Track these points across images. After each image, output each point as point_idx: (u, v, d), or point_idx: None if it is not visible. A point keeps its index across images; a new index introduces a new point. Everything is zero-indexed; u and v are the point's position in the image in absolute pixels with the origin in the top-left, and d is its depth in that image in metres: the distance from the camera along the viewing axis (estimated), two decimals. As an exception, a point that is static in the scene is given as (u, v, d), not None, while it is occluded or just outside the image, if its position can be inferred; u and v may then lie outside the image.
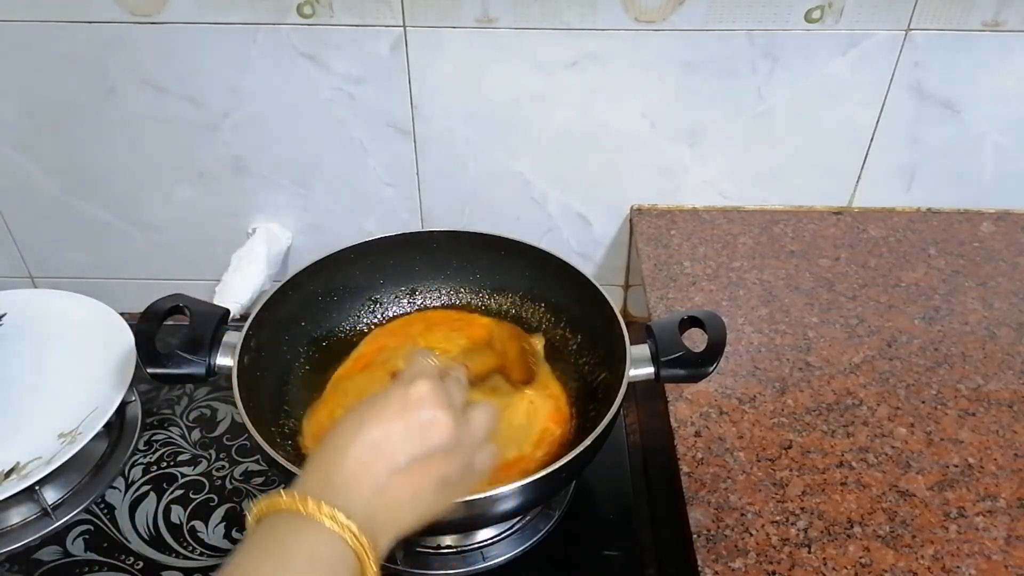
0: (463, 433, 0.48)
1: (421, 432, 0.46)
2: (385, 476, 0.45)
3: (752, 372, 0.72)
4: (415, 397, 0.47)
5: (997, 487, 0.62)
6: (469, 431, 0.49)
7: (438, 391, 0.48)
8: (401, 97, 0.85)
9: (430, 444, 0.46)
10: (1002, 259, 0.85)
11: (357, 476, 0.45)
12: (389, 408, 0.47)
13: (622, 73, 0.82)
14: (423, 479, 0.46)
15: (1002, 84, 0.82)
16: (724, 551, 0.58)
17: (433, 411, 0.47)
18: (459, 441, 0.48)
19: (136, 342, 0.64)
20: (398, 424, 0.46)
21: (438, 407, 0.47)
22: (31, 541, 0.73)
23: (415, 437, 0.46)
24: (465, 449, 0.49)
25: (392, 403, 0.47)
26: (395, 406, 0.47)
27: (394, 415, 0.47)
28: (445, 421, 0.47)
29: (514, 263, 0.80)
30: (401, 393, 0.48)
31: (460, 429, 0.48)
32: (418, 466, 0.46)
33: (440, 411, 0.47)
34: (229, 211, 0.95)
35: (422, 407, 0.47)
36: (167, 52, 0.83)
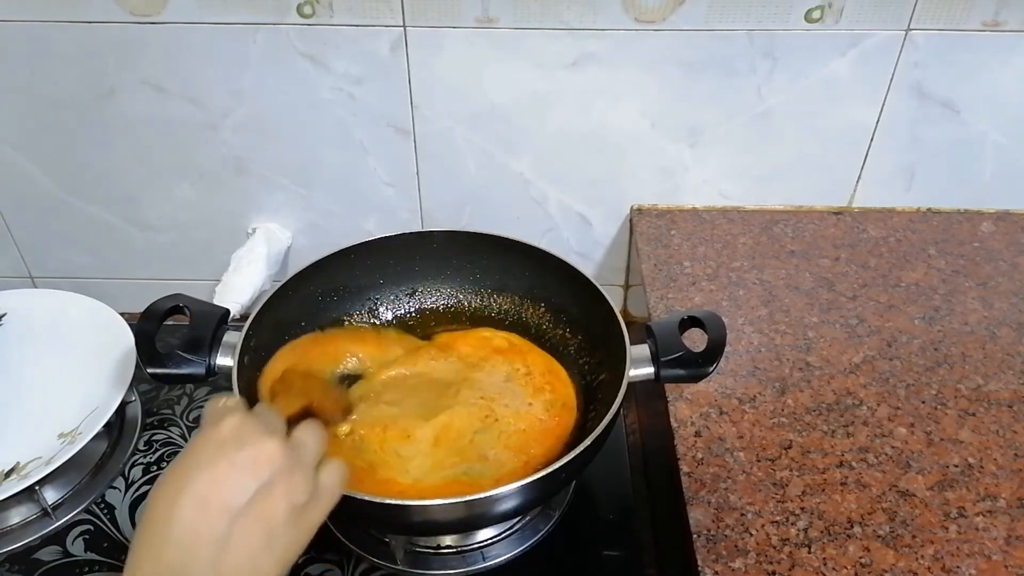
0: (294, 453, 0.45)
1: (249, 467, 0.42)
2: (225, 527, 0.40)
3: (752, 372, 0.72)
4: (228, 433, 0.43)
5: (997, 487, 0.62)
6: (300, 450, 0.46)
7: (250, 419, 0.45)
8: (401, 97, 0.85)
9: (263, 474, 0.42)
10: (1002, 259, 0.85)
11: (193, 537, 0.40)
12: (203, 456, 0.43)
13: (622, 73, 0.82)
14: (270, 515, 0.42)
15: (1002, 84, 0.82)
16: (724, 551, 0.58)
17: (253, 440, 0.43)
18: (293, 461, 0.44)
19: (136, 342, 0.64)
20: (220, 468, 0.42)
21: (257, 434, 0.44)
22: (31, 541, 0.73)
23: (244, 473, 0.42)
24: (304, 468, 0.45)
25: (205, 449, 0.43)
26: (208, 451, 0.43)
27: (211, 461, 0.42)
28: (270, 445, 0.43)
29: (514, 263, 0.80)
30: (210, 434, 0.43)
31: (288, 449, 0.44)
32: (260, 502, 0.42)
33: (261, 437, 0.43)
34: (229, 211, 0.95)
35: (240, 440, 0.43)
36: (167, 52, 0.83)
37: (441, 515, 0.59)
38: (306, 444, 0.47)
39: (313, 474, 0.46)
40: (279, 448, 0.44)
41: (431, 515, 0.59)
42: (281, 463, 0.43)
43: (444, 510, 0.58)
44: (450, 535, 0.71)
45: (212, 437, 0.44)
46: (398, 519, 0.60)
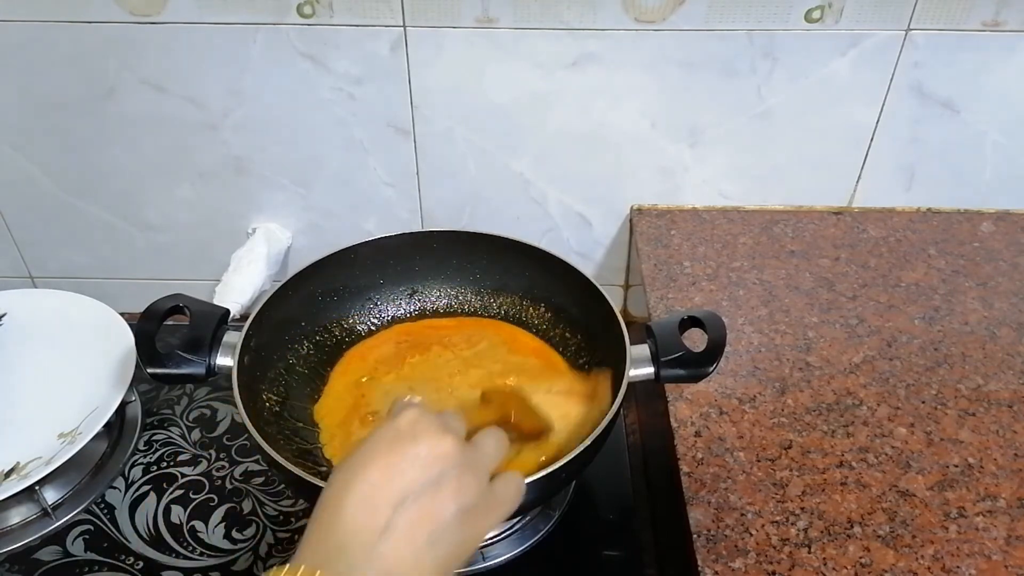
0: (470, 454, 0.44)
1: (421, 461, 0.42)
2: (390, 518, 0.40)
3: (752, 372, 0.72)
4: (406, 426, 0.43)
5: (997, 487, 0.62)
6: (477, 452, 0.45)
7: (429, 417, 0.44)
8: (401, 97, 0.85)
9: (434, 471, 0.42)
10: (1002, 259, 0.85)
11: (359, 526, 0.40)
12: (379, 446, 0.43)
13: (622, 73, 0.82)
14: (437, 512, 0.41)
15: (1002, 84, 0.82)
16: (724, 551, 0.58)
17: (429, 436, 0.43)
18: (468, 462, 0.44)
19: (136, 342, 0.64)
20: (394, 459, 0.42)
21: (434, 431, 0.43)
22: (31, 541, 0.73)
23: (415, 468, 0.42)
24: (477, 471, 0.44)
25: (382, 440, 0.43)
26: (385, 442, 0.43)
27: (386, 451, 0.42)
28: (447, 443, 0.43)
29: (514, 263, 0.80)
30: (389, 426, 0.44)
31: (465, 450, 0.44)
32: (427, 500, 0.41)
33: (437, 434, 0.43)
34: (229, 211, 0.95)
35: (416, 434, 0.43)
36: (167, 52, 0.83)
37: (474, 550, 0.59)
38: (485, 449, 0.46)
39: (487, 479, 0.45)
40: (454, 446, 0.43)
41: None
42: (455, 462, 0.43)
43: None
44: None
45: (390, 429, 0.44)
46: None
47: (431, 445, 0.43)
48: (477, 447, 0.46)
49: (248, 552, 0.72)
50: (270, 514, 0.75)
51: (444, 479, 0.42)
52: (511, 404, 0.67)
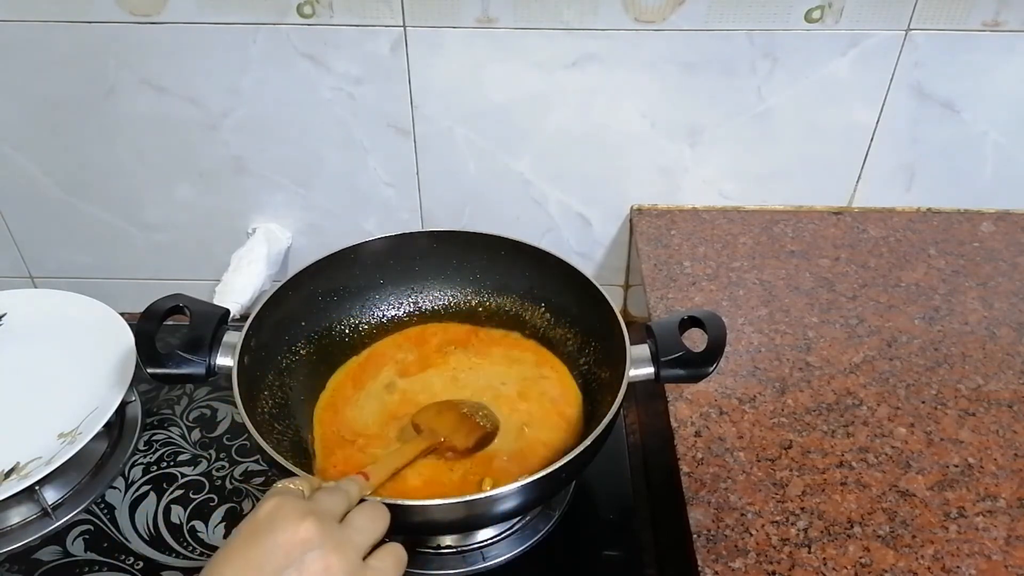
0: (337, 534, 0.44)
1: (281, 549, 0.42)
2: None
3: (752, 372, 0.72)
4: (263, 517, 0.43)
5: (997, 487, 0.62)
6: (346, 530, 0.45)
7: (287, 501, 0.44)
8: (401, 97, 0.85)
9: (293, 555, 0.42)
10: (1002, 259, 0.85)
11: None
12: (236, 541, 0.43)
13: (622, 73, 0.82)
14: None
15: (1002, 84, 0.82)
16: (724, 551, 0.58)
17: (288, 522, 0.43)
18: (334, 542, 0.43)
19: (136, 342, 0.64)
20: (251, 552, 0.42)
21: (293, 517, 0.43)
22: (31, 541, 0.73)
23: (275, 557, 0.42)
24: (345, 549, 0.44)
25: (239, 535, 0.43)
26: (242, 536, 0.43)
27: (243, 545, 0.42)
28: (305, 526, 0.43)
29: (514, 263, 0.80)
30: (249, 519, 0.44)
31: (331, 530, 0.44)
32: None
33: (296, 519, 0.43)
34: (229, 211, 0.95)
35: (274, 522, 0.43)
36: (167, 52, 0.83)
37: (441, 515, 0.59)
38: (355, 524, 0.46)
39: (357, 555, 0.45)
40: (316, 528, 0.43)
41: (431, 515, 0.59)
42: (318, 544, 0.43)
43: (444, 510, 0.58)
44: (450, 535, 0.71)
45: (249, 521, 0.44)
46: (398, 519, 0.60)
47: (291, 531, 0.42)
48: (347, 525, 0.46)
49: (248, 552, 0.72)
50: (270, 514, 0.75)
51: (307, 563, 0.42)
52: (440, 425, 0.67)
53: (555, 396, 0.74)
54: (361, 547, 0.45)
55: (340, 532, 0.45)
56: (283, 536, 0.42)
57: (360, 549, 0.45)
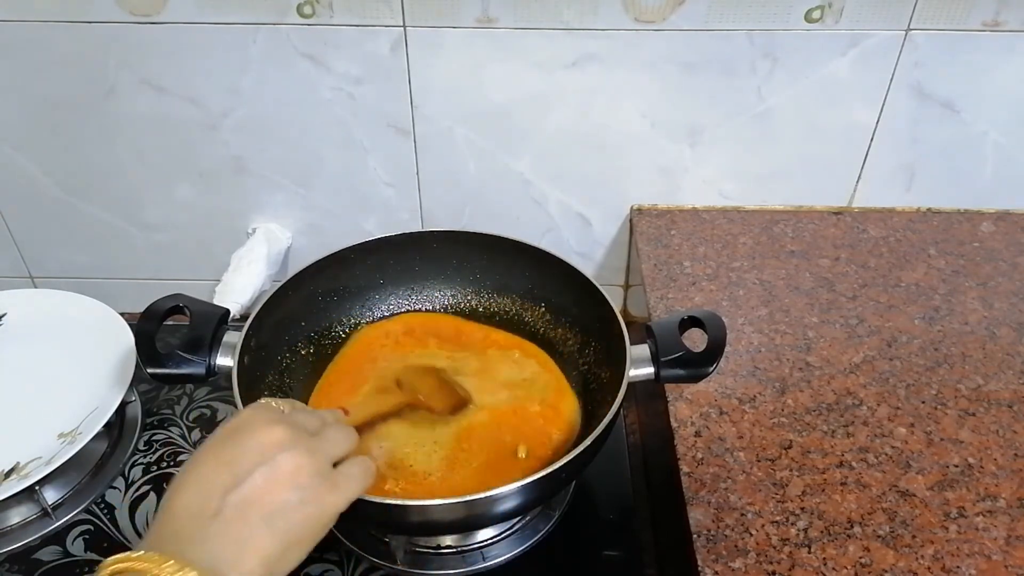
0: (307, 441, 0.46)
1: (253, 449, 0.44)
2: (220, 501, 0.42)
3: (752, 372, 0.72)
4: (237, 421, 0.46)
5: (997, 487, 0.62)
6: (316, 440, 0.47)
7: (263, 410, 0.47)
8: (401, 97, 0.85)
9: (268, 455, 0.44)
10: (1002, 259, 0.85)
11: (192, 512, 0.42)
12: (214, 441, 0.45)
13: (622, 73, 0.82)
14: (272, 493, 0.43)
15: (1002, 84, 0.82)
16: (724, 551, 0.58)
17: (262, 426, 0.45)
18: (304, 447, 0.45)
19: (136, 342, 0.64)
20: (225, 451, 0.44)
21: (266, 421, 0.46)
22: (31, 541, 0.73)
23: (247, 456, 0.44)
24: (314, 454, 0.46)
25: (217, 436, 0.46)
26: (219, 437, 0.45)
27: (219, 445, 0.45)
28: (277, 431, 0.45)
29: (514, 263, 0.80)
30: (227, 422, 0.47)
31: (300, 437, 0.46)
32: (260, 483, 0.43)
33: (269, 424, 0.45)
34: (229, 211, 0.95)
35: (250, 426, 0.45)
36: (167, 52, 0.83)
37: (441, 515, 0.59)
38: (327, 436, 0.49)
39: (326, 462, 0.47)
40: (287, 433, 0.45)
41: (431, 515, 0.59)
42: (289, 447, 0.45)
43: (444, 510, 0.58)
44: (450, 535, 0.71)
45: (227, 424, 0.46)
46: (398, 519, 0.60)
47: (263, 434, 0.45)
48: (319, 436, 0.48)
49: (248, 552, 0.71)
50: (270, 514, 0.75)
51: (278, 463, 0.44)
52: (422, 384, 0.70)
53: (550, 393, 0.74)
54: (330, 455, 0.48)
55: (311, 440, 0.47)
56: (257, 437, 0.45)
57: (329, 456, 0.47)
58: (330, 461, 0.47)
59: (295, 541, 0.44)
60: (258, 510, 0.43)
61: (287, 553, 0.44)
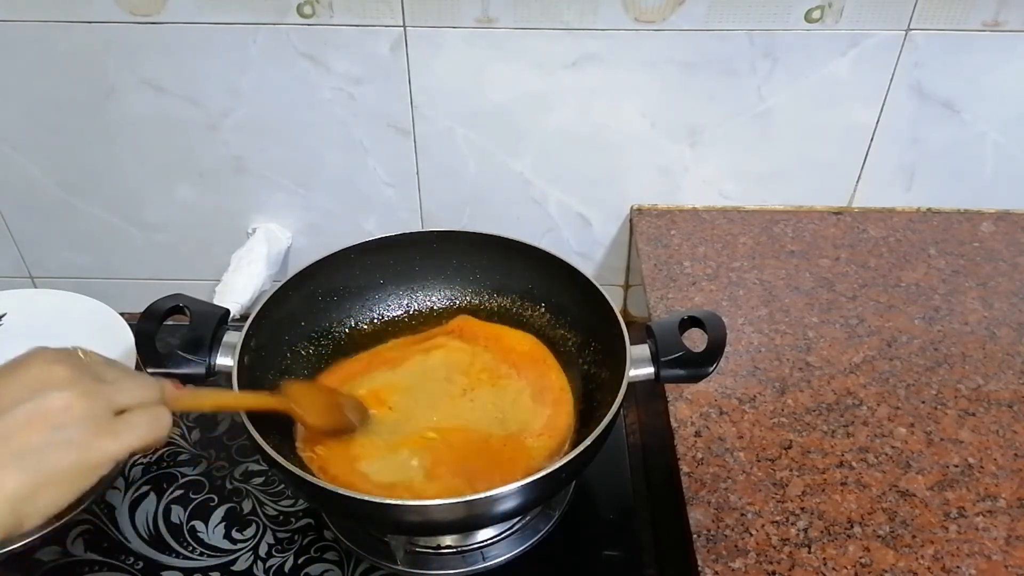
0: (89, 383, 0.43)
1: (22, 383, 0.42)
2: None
3: (752, 372, 0.72)
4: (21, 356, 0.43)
5: (997, 487, 0.62)
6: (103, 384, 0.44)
7: (54, 351, 0.44)
8: (401, 97, 0.85)
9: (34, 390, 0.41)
10: (1002, 259, 0.85)
11: None
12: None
13: (622, 73, 0.82)
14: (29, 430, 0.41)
15: (1002, 84, 0.82)
16: (724, 551, 0.58)
17: (40, 362, 0.43)
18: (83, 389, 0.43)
19: (136, 342, 0.64)
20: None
21: (48, 360, 0.43)
22: (31, 541, 0.73)
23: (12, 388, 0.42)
24: (94, 397, 0.43)
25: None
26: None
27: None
28: (57, 369, 0.42)
29: (514, 263, 0.80)
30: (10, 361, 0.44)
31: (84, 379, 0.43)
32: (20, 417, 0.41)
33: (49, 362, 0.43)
34: (229, 211, 0.95)
35: (25, 360, 0.43)
36: (167, 52, 0.83)
37: (441, 515, 0.59)
38: (119, 384, 0.45)
39: (105, 407, 0.44)
40: (65, 373, 0.42)
41: (430, 515, 0.59)
42: (65, 386, 0.42)
43: (443, 510, 0.58)
44: (450, 535, 0.71)
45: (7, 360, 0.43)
46: (398, 519, 0.60)
47: (39, 370, 0.42)
48: (110, 381, 0.45)
49: (248, 552, 0.72)
50: (270, 514, 0.75)
51: (44, 400, 0.41)
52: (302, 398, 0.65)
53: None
54: (114, 401, 0.44)
55: (92, 383, 0.44)
56: (31, 372, 0.42)
57: (111, 402, 0.44)
58: (111, 407, 0.44)
59: (49, 482, 0.42)
60: (8, 446, 0.40)
61: (38, 493, 0.41)
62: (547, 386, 0.73)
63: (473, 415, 0.71)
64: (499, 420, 0.71)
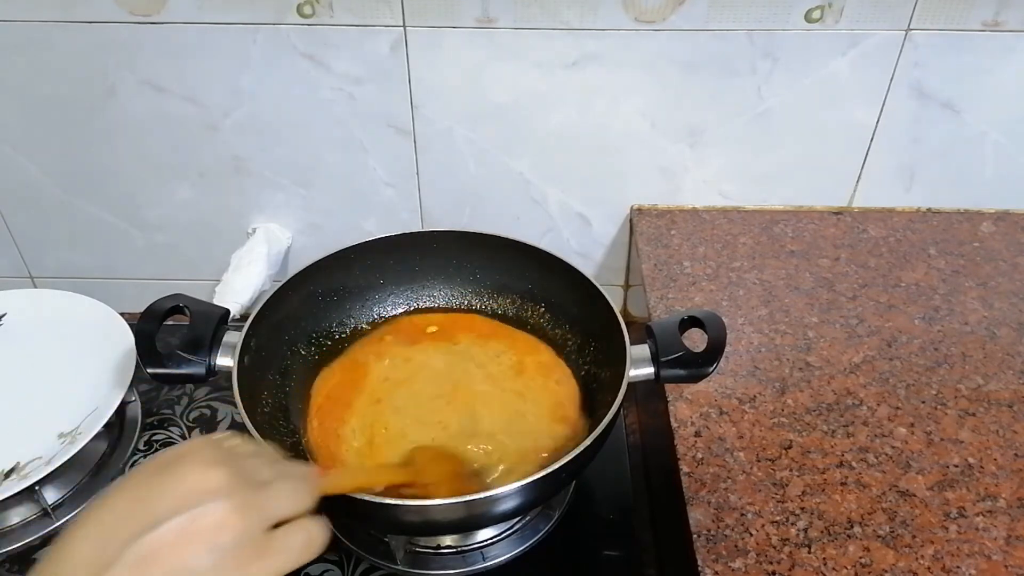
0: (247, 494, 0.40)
1: (177, 494, 0.38)
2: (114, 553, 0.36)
3: (752, 372, 0.72)
4: (173, 453, 0.40)
5: (997, 487, 0.62)
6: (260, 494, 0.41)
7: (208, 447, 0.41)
8: (401, 97, 0.85)
9: (189, 501, 0.38)
10: (1002, 259, 0.85)
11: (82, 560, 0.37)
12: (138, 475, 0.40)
13: (622, 73, 0.82)
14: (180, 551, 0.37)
15: (1002, 84, 0.82)
16: (724, 551, 0.58)
17: (197, 467, 0.39)
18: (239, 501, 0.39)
19: (136, 342, 0.64)
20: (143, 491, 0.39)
21: (204, 462, 0.40)
22: (31, 541, 0.73)
23: (166, 501, 0.38)
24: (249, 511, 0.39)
25: (144, 469, 0.40)
26: (146, 471, 0.40)
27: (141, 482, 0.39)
28: (214, 476, 0.39)
29: (514, 263, 0.80)
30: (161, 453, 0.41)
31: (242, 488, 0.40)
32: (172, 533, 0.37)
33: (206, 466, 0.39)
34: (229, 211, 0.95)
35: (182, 464, 0.39)
36: (167, 52, 0.83)
37: (440, 515, 0.59)
38: (274, 492, 0.42)
39: (262, 522, 0.40)
40: (223, 480, 0.39)
41: (430, 515, 0.59)
42: (220, 497, 0.39)
43: (443, 510, 0.58)
44: (450, 535, 0.71)
45: (160, 456, 0.41)
46: (397, 519, 0.60)
47: (195, 476, 0.39)
48: (264, 489, 0.41)
49: (248, 552, 0.71)
50: (270, 514, 0.75)
51: (201, 516, 0.38)
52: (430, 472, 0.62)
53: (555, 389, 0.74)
54: (269, 517, 0.41)
55: (252, 493, 0.40)
56: (186, 479, 0.39)
57: (266, 516, 0.41)
58: (266, 522, 0.40)
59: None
60: (158, 568, 0.37)
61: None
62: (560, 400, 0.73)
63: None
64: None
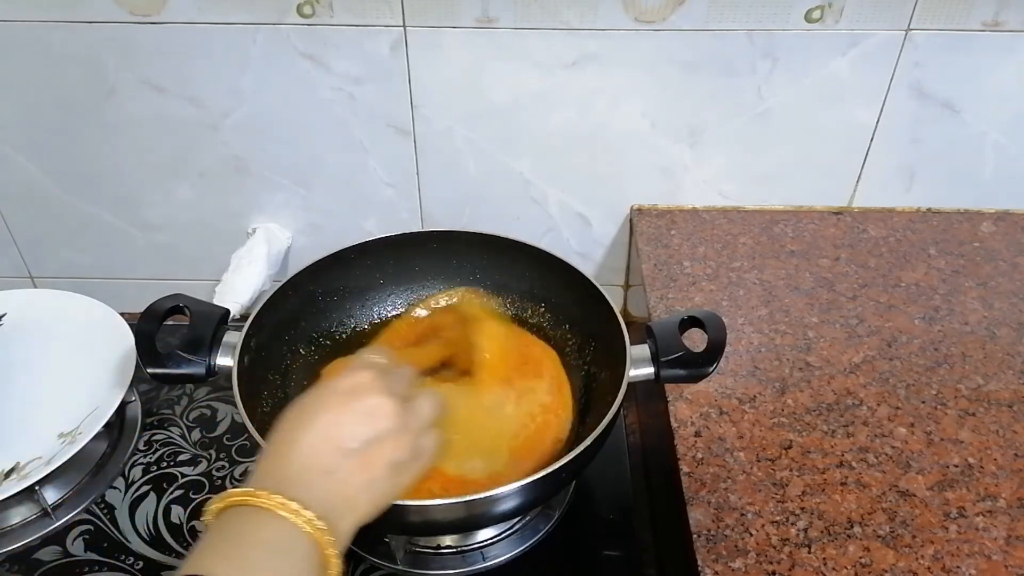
0: (408, 417, 0.50)
1: (367, 418, 0.48)
2: (337, 462, 0.47)
3: (752, 372, 0.72)
4: (357, 386, 0.49)
5: (997, 487, 0.62)
6: (414, 415, 0.51)
7: (379, 379, 0.50)
8: (401, 97, 0.85)
9: (378, 428, 0.48)
10: (1002, 259, 0.85)
11: (309, 464, 0.46)
12: (334, 397, 0.49)
13: (622, 73, 0.82)
14: (375, 463, 0.48)
15: (1002, 84, 0.82)
16: (724, 551, 0.58)
17: (376, 397, 0.49)
18: (405, 425, 0.50)
19: (136, 342, 0.64)
20: (345, 411, 0.48)
21: (380, 393, 0.49)
22: (31, 541, 0.73)
23: (362, 423, 0.48)
24: (412, 432, 0.50)
25: (336, 393, 0.49)
26: (339, 395, 0.49)
27: (339, 403, 0.49)
28: (389, 406, 0.49)
29: (514, 263, 0.80)
30: (344, 383, 0.50)
31: (405, 413, 0.50)
32: (368, 450, 0.48)
33: (382, 397, 0.49)
34: (229, 211, 0.95)
35: (365, 394, 0.49)
36: (167, 52, 0.83)
37: (440, 515, 0.59)
38: (421, 411, 0.52)
39: (418, 439, 0.51)
40: (394, 408, 0.49)
41: (430, 515, 0.59)
42: (393, 424, 0.49)
43: (443, 510, 0.58)
44: (450, 535, 0.71)
45: (343, 382, 0.50)
46: (397, 519, 0.60)
47: (375, 405, 0.49)
48: (415, 410, 0.51)
49: (248, 552, 0.71)
50: (270, 514, 0.75)
51: (383, 437, 0.48)
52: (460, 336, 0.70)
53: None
54: (421, 430, 0.52)
55: (412, 413, 0.51)
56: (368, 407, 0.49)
57: (420, 431, 0.52)
58: (418, 436, 0.51)
59: (381, 504, 0.49)
60: (361, 476, 0.47)
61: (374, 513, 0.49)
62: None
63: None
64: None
